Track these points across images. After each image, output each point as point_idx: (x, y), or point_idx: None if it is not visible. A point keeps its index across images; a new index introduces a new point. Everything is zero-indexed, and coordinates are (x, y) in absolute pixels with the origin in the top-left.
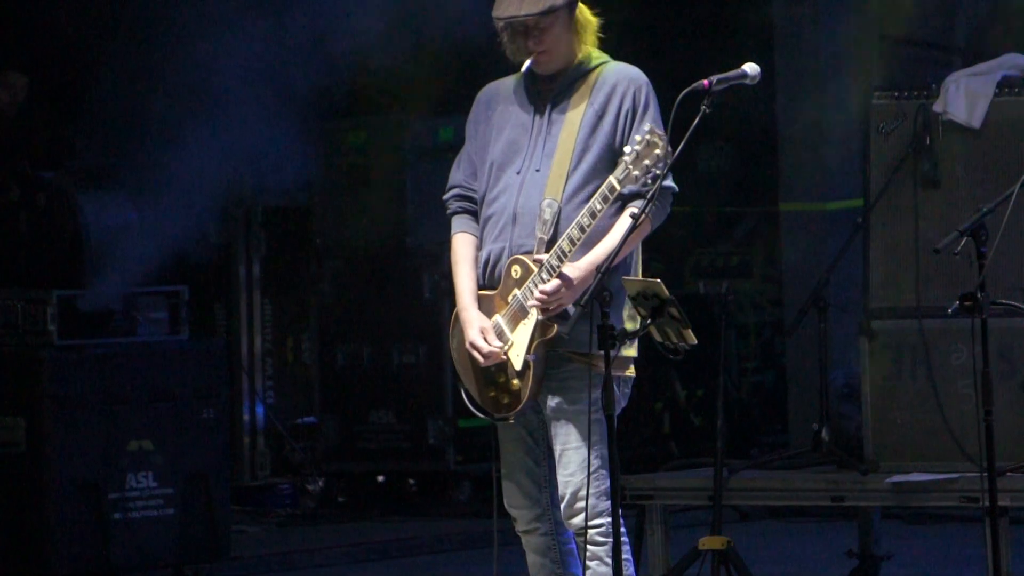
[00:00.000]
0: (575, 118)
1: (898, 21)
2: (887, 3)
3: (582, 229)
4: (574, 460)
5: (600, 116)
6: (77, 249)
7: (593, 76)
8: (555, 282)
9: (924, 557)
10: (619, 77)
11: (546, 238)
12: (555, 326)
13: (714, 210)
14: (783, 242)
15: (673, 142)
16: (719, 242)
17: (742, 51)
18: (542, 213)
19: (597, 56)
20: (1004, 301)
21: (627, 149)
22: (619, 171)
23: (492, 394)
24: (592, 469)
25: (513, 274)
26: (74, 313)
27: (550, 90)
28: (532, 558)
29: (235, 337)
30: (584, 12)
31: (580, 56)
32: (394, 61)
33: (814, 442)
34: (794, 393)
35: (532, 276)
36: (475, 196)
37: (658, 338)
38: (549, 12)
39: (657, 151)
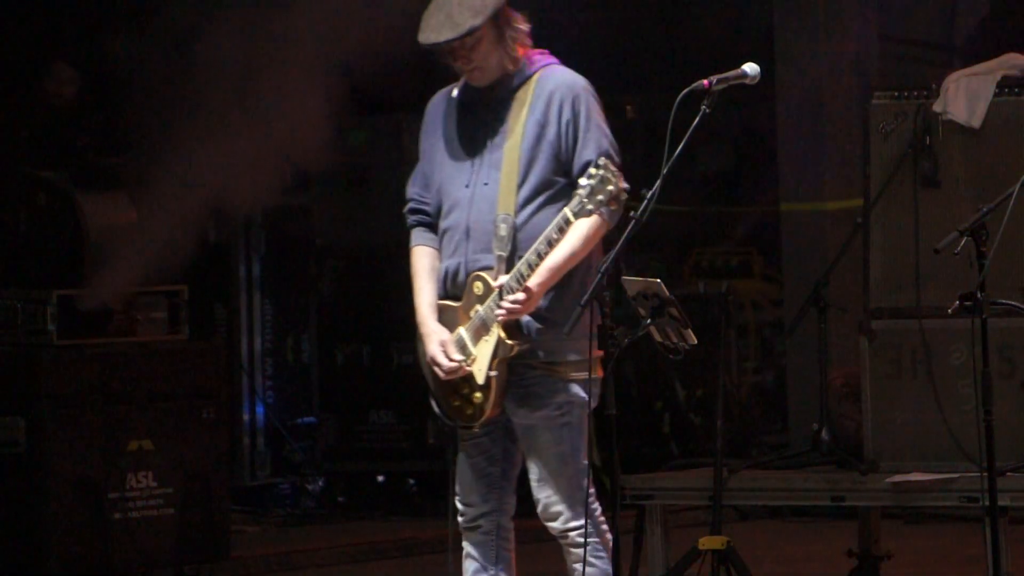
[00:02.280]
0: (517, 128)
1: (897, 21)
2: (887, 3)
3: (539, 256)
4: (545, 466)
5: (543, 126)
6: (77, 249)
7: (532, 83)
8: (521, 293)
9: (924, 557)
10: (557, 84)
11: (505, 255)
12: (515, 345)
13: (714, 210)
14: (783, 242)
15: (673, 142)
16: (719, 242)
17: (742, 51)
18: (497, 230)
19: (534, 60)
20: (1004, 301)
21: (582, 181)
22: (574, 204)
23: (456, 404)
24: (558, 478)
25: (475, 290)
26: (74, 313)
27: (490, 100)
28: (469, 551)
29: (235, 337)
30: (512, 18)
31: (516, 62)
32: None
33: (814, 442)
34: (794, 393)
35: (492, 296)
36: (429, 208)
37: (658, 338)
38: (469, 34)
39: (610, 187)
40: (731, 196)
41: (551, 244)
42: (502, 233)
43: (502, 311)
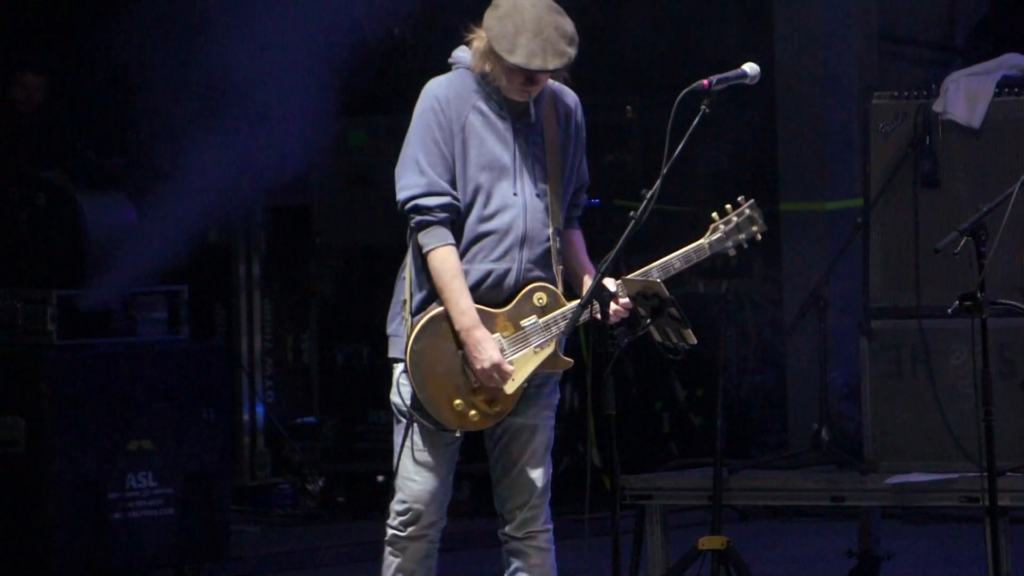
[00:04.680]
0: (555, 143)
1: (897, 21)
2: (887, 3)
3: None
4: (539, 466)
5: (568, 142)
6: (77, 249)
7: (550, 97)
8: (627, 299)
9: (924, 557)
10: (574, 102)
11: (562, 268)
12: (570, 361)
13: (714, 210)
14: (783, 242)
15: (673, 142)
16: None
17: (742, 51)
18: (554, 243)
19: None
20: (1004, 301)
21: (720, 217)
22: (715, 238)
23: (460, 407)
24: (547, 478)
25: (536, 301)
26: (74, 313)
27: (522, 110)
28: (407, 564)
29: (235, 337)
30: None
31: None
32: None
33: (814, 442)
34: (794, 393)
35: (563, 309)
36: (459, 207)
37: (658, 338)
38: (566, 64)
39: (755, 228)
40: (731, 196)
41: (667, 272)
42: (558, 247)
43: (611, 312)
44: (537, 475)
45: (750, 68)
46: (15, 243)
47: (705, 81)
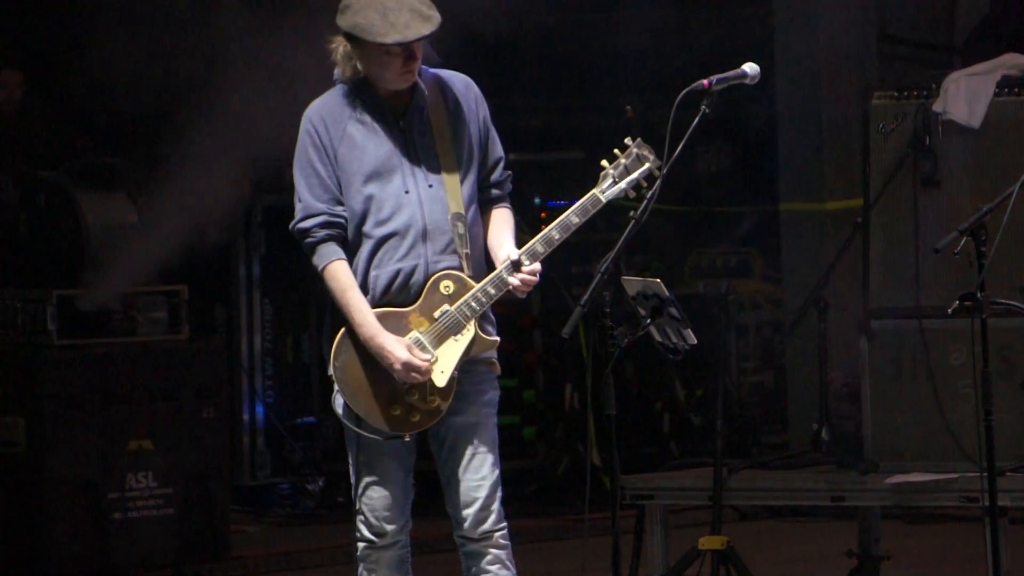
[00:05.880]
0: (445, 130)
1: (897, 21)
2: (887, 3)
3: (549, 243)
4: (486, 463)
5: (467, 124)
6: (77, 249)
7: (433, 84)
8: (536, 265)
9: (924, 557)
10: (466, 84)
11: (469, 252)
12: (493, 341)
13: (714, 210)
14: (783, 242)
15: (673, 142)
16: (719, 242)
17: (742, 50)
18: (456, 229)
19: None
20: (1004, 301)
21: (609, 164)
22: (607, 185)
23: (398, 412)
24: (496, 475)
25: (443, 290)
26: (74, 313)
27: (399, 101)
28: (384, 574)
29: (235, 337)
30: None
31: None
32: None
33: (814, 442)
34: (794, 393)
35: (474, 291)
36: (343, 222)
37: (658, 338)
38: (437, 26)
39: (648, 164)
40: (731, 196)
41: (567, 229)
42: (461, 232)
43: (517, 282)
44: (487, 472)
45: (750, 68)
46: (15, 243)
47: (705, 81)
